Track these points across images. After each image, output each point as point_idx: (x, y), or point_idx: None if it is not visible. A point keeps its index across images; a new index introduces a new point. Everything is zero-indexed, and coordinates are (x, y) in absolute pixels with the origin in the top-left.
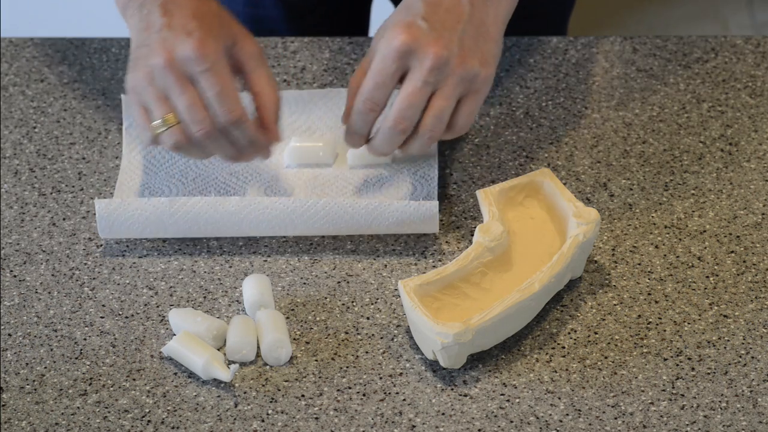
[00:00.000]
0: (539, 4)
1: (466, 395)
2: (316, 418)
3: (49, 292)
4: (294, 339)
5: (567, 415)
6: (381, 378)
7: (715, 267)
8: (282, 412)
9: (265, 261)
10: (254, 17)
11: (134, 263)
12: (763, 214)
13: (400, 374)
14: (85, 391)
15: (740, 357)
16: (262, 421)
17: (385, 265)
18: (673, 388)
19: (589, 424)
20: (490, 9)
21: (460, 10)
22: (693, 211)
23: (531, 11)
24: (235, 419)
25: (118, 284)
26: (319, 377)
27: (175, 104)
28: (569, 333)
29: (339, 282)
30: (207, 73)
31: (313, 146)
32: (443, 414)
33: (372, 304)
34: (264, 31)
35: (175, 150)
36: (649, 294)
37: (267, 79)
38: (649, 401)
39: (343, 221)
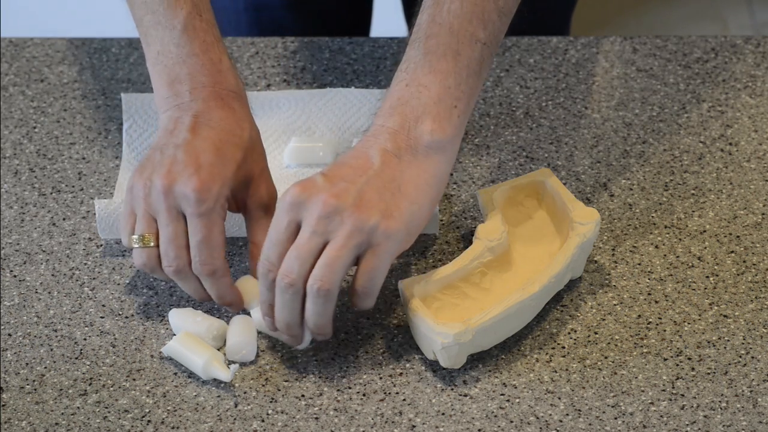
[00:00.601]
0: (541, 4)
1: (466, 395)
2: (316, 418)
3: (49, 292)
4: None
5: (567, 415)
6: (381, 378)
7: (715, 267)
8: (282, 412)
9: None
10: (255, 5)
11: (134, 263)
12: (763, 214)
13: (400, 374)
14: (85, 391)
15: (740, 357)
16: (262, 421)
17: None
18: (673, 388)
19: (589, 424)
20: (406, 170)
21: (367, 165)
22: (693, 211)
23: (532, 10)
24: (235, 419)
25: (118, 284)
26: (319, 377)
27: (159, 229)
28: (569, 333)
29: None
30: (197, 218)
31: (313, 146)
32: (443, 414)
33: None
34: (264, 18)
35: (140, 269)
36: (649, 294)
37: (265, 231)
38: (649, 401)
39: None
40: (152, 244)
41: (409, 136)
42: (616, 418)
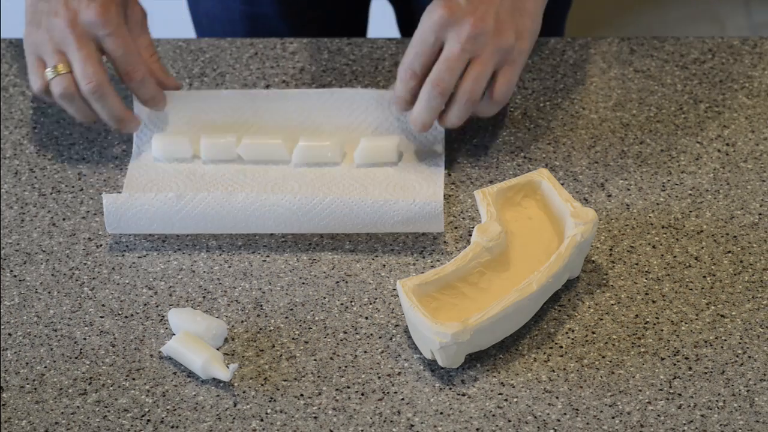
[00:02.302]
0: None
1: (464, 395)
2: (315, 418)
3: (49, 292)
4: (293, 339)
5: (565, 414)
6: (379, 377)
7: (712, 267)
8: (281, 412)
9: (264, 261)
10: (251, 15)
11: (134, 263)
12: (759, 214)
13: (399, 374)
14: (85, 390)
15: (737, 356)
16: (261, 420)
17: (384, 265)
18: (671, 387)
19: (587, 424)
20: None
21: None
22: (690, 212)
23: None
24: (234, 418)
25: (118, 284)
26: (318, 377)
27: (70, 58)
28: (567, 333)
29: (338, 282)
30: (111, 36)
31: (321, 145)
32: (441, 413)
33: (370, 303)
34: (260, 29)
35: (62, 100)
36: (647, 294)
37: (145, 47)
38: (647, 401)
39: (348, 219)
40: (66, 71)
41: None
42: (613, 418)
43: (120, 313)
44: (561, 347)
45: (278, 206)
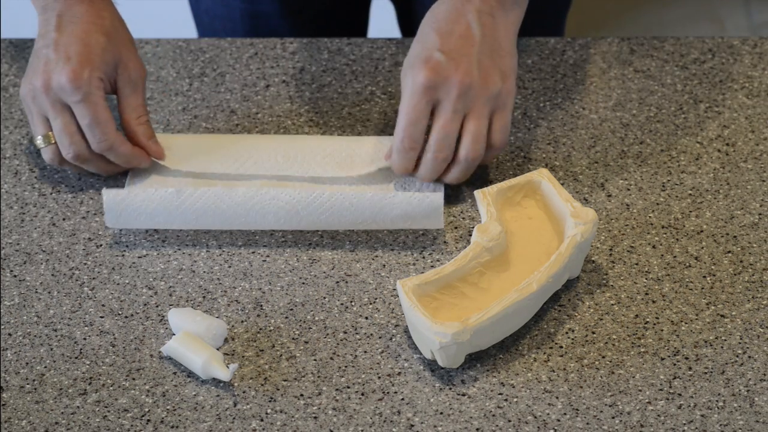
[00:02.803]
0: (536, 4)
1: (464, 395)
2: (315, 418)
3: (49, 292)
4: (293, 338)
5: (565, 414)
6: (379, 377)
7: (712, 267)
8: (281, 412)
9: (264, 260)
10: (251, 13)
11: (134, 263)
12: (759, 214)
13: (399, 374)
14: (85, 390)
15: (737, 356)
16: (261, 420)
17: (384, 265)
18: (671, 387)
19: (587, 424)
20: (499, 25)
21: (471, 34)
22: (690, 212)
23: (527, 11)
24: (234, 418)
25: (118, 284)
26: (318, 377)
27: (51, 124)
28: (567, 333)
29: (338, 282)
30: (80, 104)
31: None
32: (441, 413)
33: (370, 303)
34: (261, 27)
35: (51, 164)
36: (647, 294)
37: (133, 108)
38: (647, 401)
39: (348, 213)
40: (53, 141)
41: None
42: (613, 418)
43: (120, 313)
44: (561, 347)
45: (278, 200)
